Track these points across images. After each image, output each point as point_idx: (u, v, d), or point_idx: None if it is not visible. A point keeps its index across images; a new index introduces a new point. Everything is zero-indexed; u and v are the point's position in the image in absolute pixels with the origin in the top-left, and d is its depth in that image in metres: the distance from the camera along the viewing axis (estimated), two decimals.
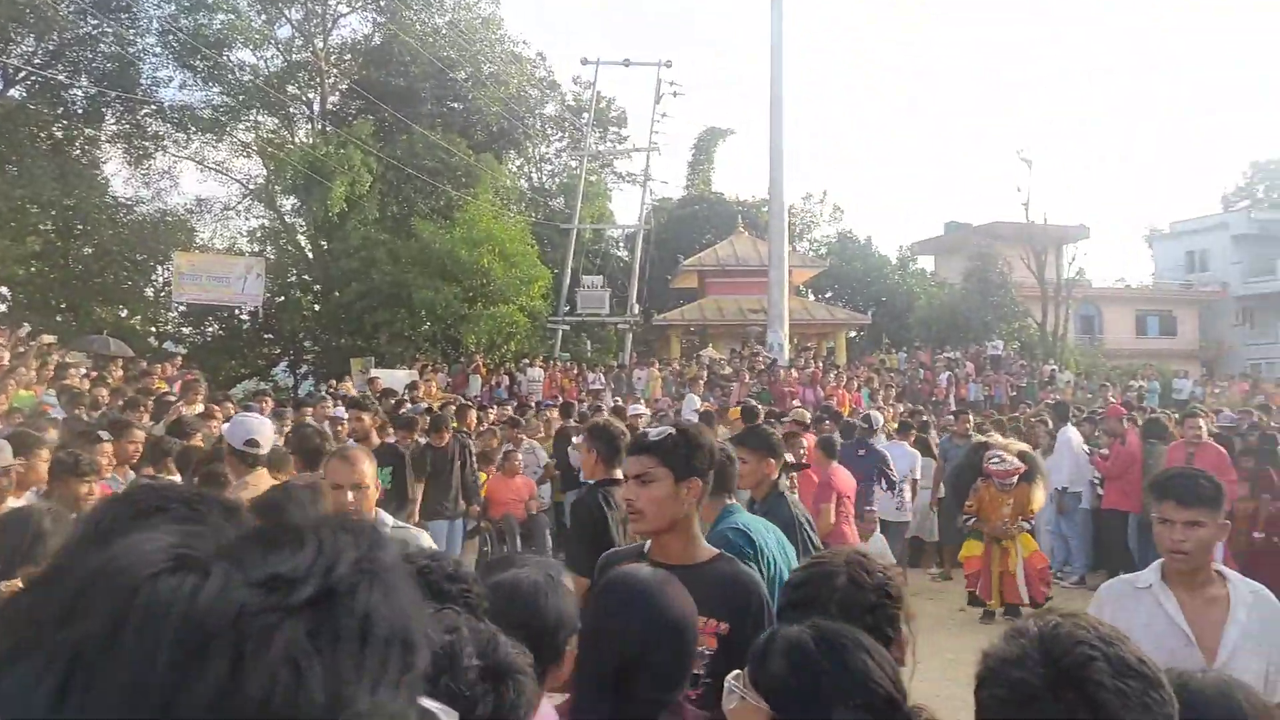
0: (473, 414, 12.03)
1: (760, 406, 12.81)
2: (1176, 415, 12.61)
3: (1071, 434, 11.80)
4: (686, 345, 31.31)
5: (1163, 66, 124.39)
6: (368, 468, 3.67)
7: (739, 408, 12.92)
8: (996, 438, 10.36)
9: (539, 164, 41.78)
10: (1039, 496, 9.51)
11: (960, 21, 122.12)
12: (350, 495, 3.53)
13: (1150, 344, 44.15)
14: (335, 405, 12.64)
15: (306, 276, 32.48)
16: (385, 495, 6.82)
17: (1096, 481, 11.46)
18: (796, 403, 17.09)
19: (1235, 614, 2.77)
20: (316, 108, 34.14)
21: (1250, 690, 1.74)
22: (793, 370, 20.44)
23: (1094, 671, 1.22)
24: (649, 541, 2.78)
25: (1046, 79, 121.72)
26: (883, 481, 10.18)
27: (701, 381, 19.10)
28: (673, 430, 2.72)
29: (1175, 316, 47.26)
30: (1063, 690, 1.22)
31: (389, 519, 3.84)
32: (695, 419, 14.78)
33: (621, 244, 40.04)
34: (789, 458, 5.79)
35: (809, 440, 8.84)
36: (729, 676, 1.76)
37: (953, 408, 20.09)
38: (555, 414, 13.81)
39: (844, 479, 8.14)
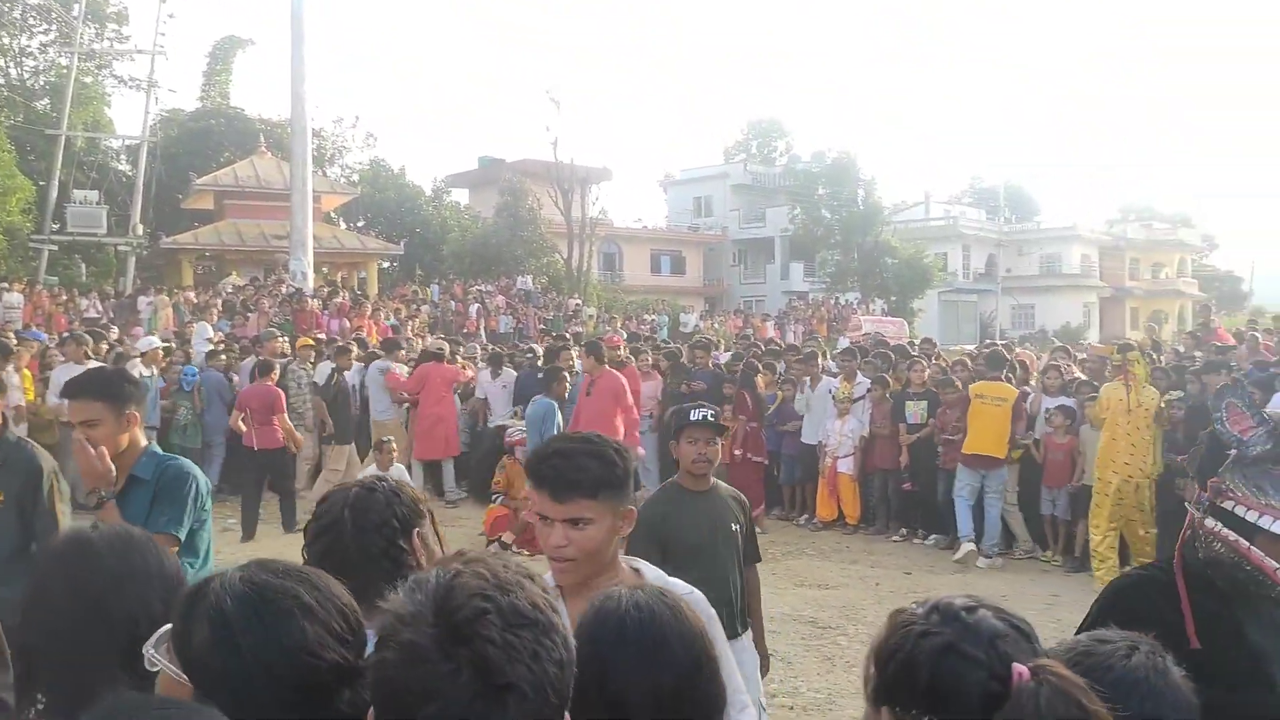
0: None
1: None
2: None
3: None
4: (202, 272, 28.86)
5: (680, 29, 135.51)
6: None
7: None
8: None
9: (19, 58, 35.91)
10: None
11: None
12: None
13: (663, 281, 48.47)
14: None
15: None
16: None
17: None
18: (321, 334, 16.45)
19: None
20: None
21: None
22: (316, 300, 19.63)
23: (484, 626, 1.13)
24: None
25: (578, 25, 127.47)
26: None
27: (215, 310, 17.68)
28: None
29: (684, 257, 52.26)
30: (453, 648, 1.11)
31: None
32: (208, 349, 13.67)
33: (123, 156, 35.78)
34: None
35: None
36: (149, 642, 1.48)
37: (484, 340, 20.60)
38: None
39: None
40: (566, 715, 1.21)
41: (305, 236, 22.20)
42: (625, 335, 17.73)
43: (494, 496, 9.95)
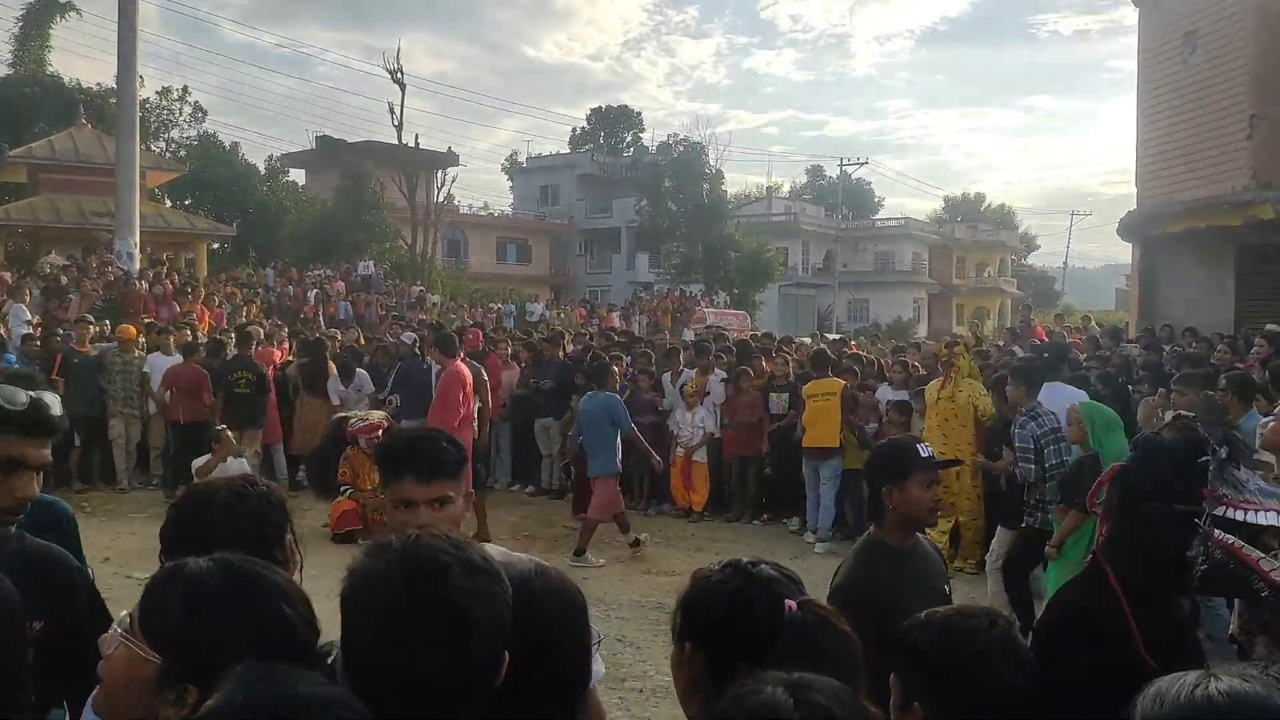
0: None
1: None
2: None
3: None
4: (13, 249, 26.95)
5: (534, 17, 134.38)
6: None
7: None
8: None
9: None
10: None
11: None
12: None
13: (509, 269, 48.22)
14: None
15: None
16: None
17: None
18: (150, 319, 15.68)
19: None
20: None
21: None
22: (143, 282, 18.66)
23: (450, 576, 1.30)
24: None
25: (420, 5, 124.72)
26: None
27: (28, 291, 16.55)
28: None
29: (531, 245, 52.10)
30: (426, 598, 1.28)
31: None
32: (24, 331, 12.84)
33: None
34: None
35: None
36: (118, 620, 1.49)
37: (323, 326, 20.02)
38: None
39: None
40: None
41: (131, 215, 21.05)
42: (476, 324, 17.66)
43: (342, 489, 9.74)
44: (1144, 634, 2.07)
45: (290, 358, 13.25)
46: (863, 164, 57.91)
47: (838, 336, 23.17)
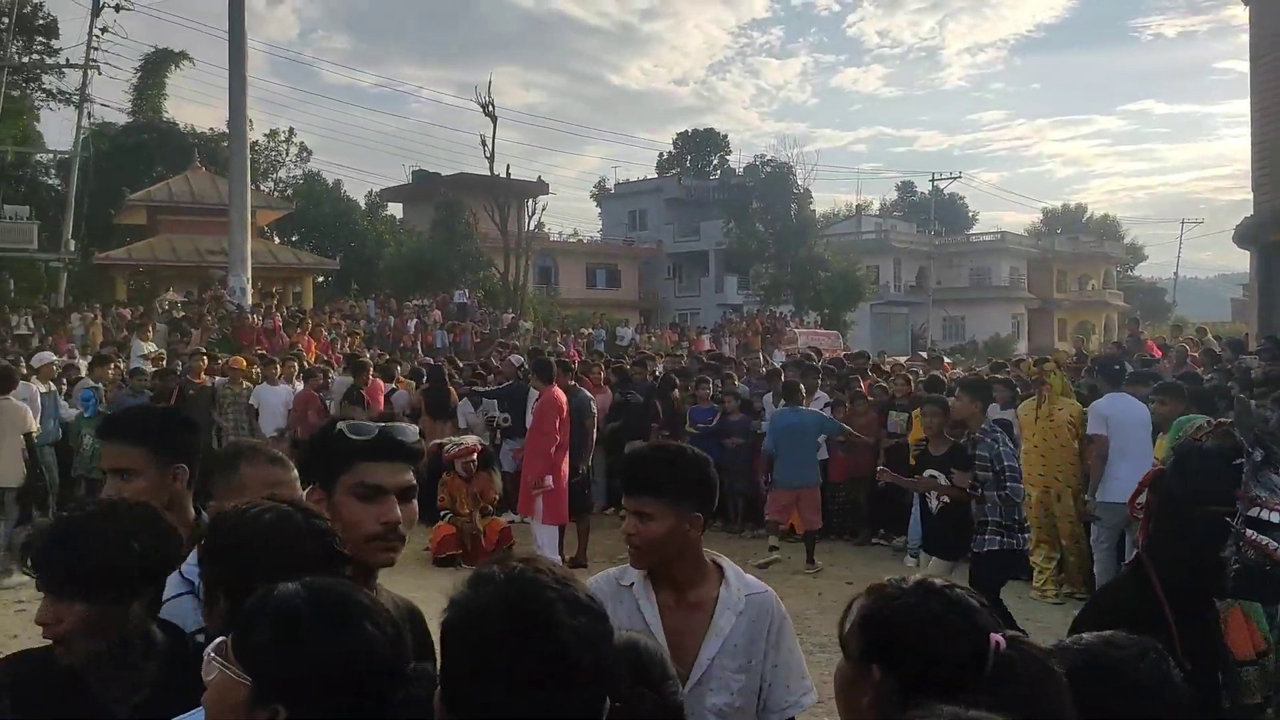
0: None
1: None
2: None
3: None
4: (135, 287, 28.50)
5: (619, 44, 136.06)
6: None
7: None
8: None
9: None
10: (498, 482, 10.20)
11: None
12: None
13: (599, 294, 48.71)
14: None
15: None
16: None
17: None
18: (262, 351, 16.46)
19: (717, 621, 2.38)
20: None
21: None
22: (256, 316, 19.58)
23: (556, 614, 1.26)
24: None
25: (509, 38, 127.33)
26: None
27: (152, 327, 17.56)
28: None
29: (620, 270, 52.57)
30: (529, 637, 1.25)
31: None
32: (146, 365, 13.64)
33: (53, 171, 35.15)
34: None
35: None
36: (211, 645, 1.51)
37: (421, 354, 20.68)
38: None
39: None
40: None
41: (243, 252, 22.09)
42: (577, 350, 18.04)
43: (442, 514, 10.08)
44: (1182, 640, 2.11)
45: (394, 385, 13.62)
46: (955, 178, 57.03)
47: (933, 355, 22.91)
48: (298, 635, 1.42)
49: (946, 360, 18.70)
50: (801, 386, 10.38)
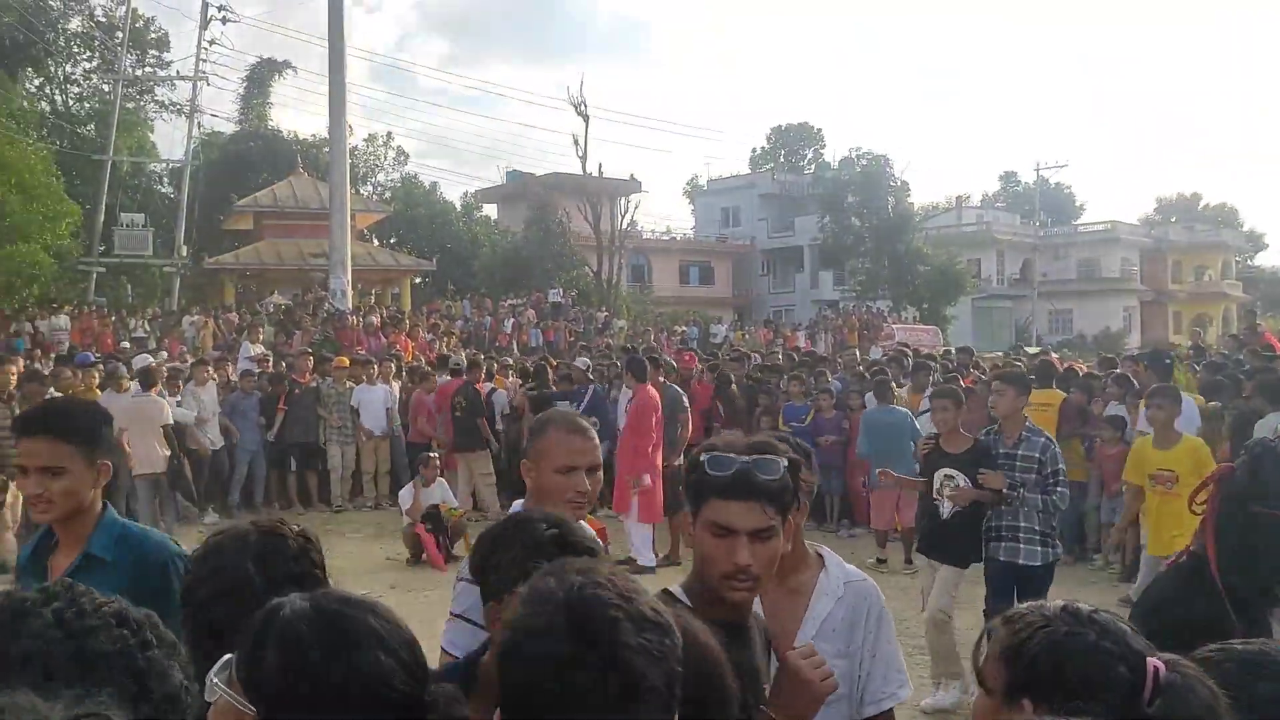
0: (11, 369, 10.28)
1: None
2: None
3: None
4: (242, 290, 29.47)
5: (700, 31, 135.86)
6: None
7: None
8: None
9: (64, 86, 36.90)
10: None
11: None
12: None
13: (693, 291, 48.66)
14: None
15: None
16: None
17: None
18: (362, 352, 16.82)
19: (814, 605, 2.35)
20: None
21: None
22: (355, 317, 20.02)
23: (620, 633, 1.20)
24: None
25: (601, 35, 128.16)
26: None
27: (260, 329, 18.09)
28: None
29: (713, 267, 52.40)
30: (593, 657, 1.19)
31: None
32: (253, 366, 14.07)
33: (166, 180, 36.63)
34: None
35: None
36: (212, 669, 1.44)
37: (516, 353, 20.90)
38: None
39: None
40: None
41: (344, 255, 22.62)
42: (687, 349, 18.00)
43: None
44: None
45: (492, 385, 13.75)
46: (1062, 167, 55.25)
47: (1038, 349, 22.25)
48: (306, 662, 1.33)
49: (1055, 355, 18.04)
50: (893, 384, 10.17)
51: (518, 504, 2.64)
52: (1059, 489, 5.69)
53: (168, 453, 10.59)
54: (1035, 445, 5.75)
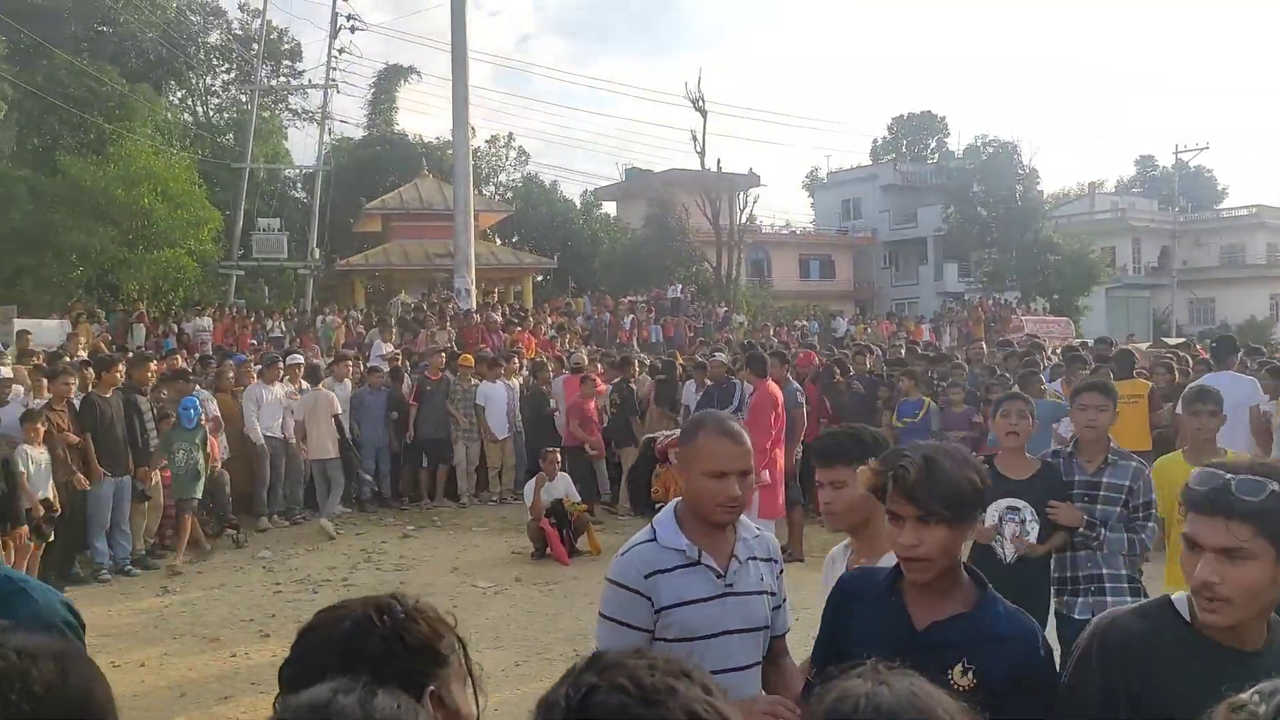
0: (150, 367, 10.94)
1: None
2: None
3: None
4: (371, 290, 30.48)
5: (819, 22, 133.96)
6: None
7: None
8: None
9: (204, 97, 38.81)
10: None
11: None
12: None
13: (813, 285, 48.06)
14: None
15: None
16: None
17: None
18: (486, 349, 17.17)
19: None
20: None
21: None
22: (479, 315, 20.46)
23: None
24: None
25: (717, 29, 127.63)
26: None
27: (391, 327, 18.69)
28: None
29: (833, 260, 51.66)
30: None
31: None
32: (383, 364, 14.52)
33: (299, 185, 38.15)
34: None
35: None
36: None
37: (636, 349, 21.03)
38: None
39: None
40: None
41: (468, 254, 23.13)
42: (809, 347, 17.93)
43: (656, 505, 10.17)
44: None
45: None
46: (1203, 149, 52.51)
47: (1179, 340, 21.24)
48: None
49: (1198, 345, 17.17)
50: (1041, 375, 9.89)
51: (665, 509, 2.66)
52: (1149, 524, 4.50)
53: (338, 438, 11.76)
54: (1125, 471, 4.53)
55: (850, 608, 2.34)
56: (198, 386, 11.32)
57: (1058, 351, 15.07)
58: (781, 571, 2.73)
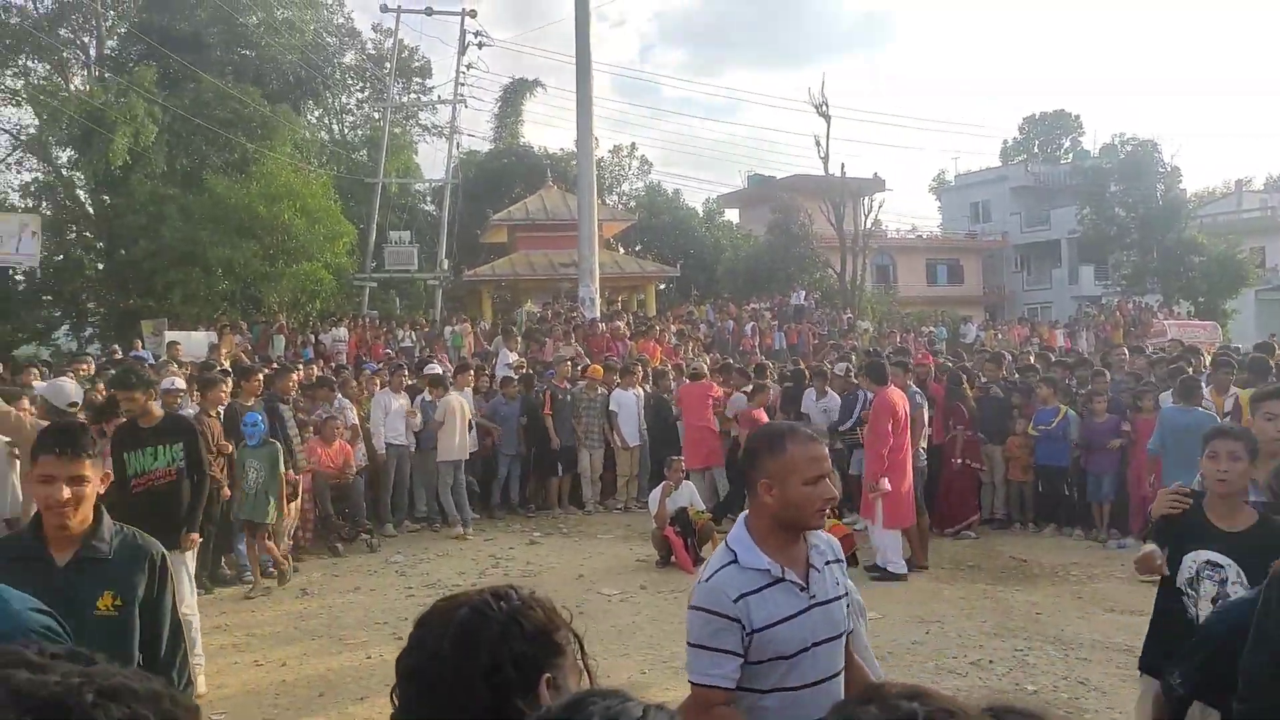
0: (293, 377, 11.43)
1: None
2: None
3: None
4: (498, 300, 31.09)
5: (945, 23, 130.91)
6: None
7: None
8: None
9: (340, 115, 40.30)
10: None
11: None
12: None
13: (940, 290, 46.92)
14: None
15: (88, 234, 30.38)
16: (179, 474, 6.51)
17: None
18: (611, 358, 17.30)
19: None
20: (93, 52, 31.73)
21: None
22: (603, 324, 20.64)
23: None
24: None
25: (842, 36, 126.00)
26: None
27: (517, 336, 19.02)
28: None
29: (961, 265, 50.32)
30: None
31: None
32: (510, 373, 14.79)
33: (429, 198, 39.22)
34: None
35: None
36: None
37: (759, 357, 20.87)
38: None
39: None
40: None
41: (591, 264, 23.38)
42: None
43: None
44: None
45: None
46: None
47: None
48: None
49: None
50: (1202, 384, 9.37)
51: (737, 527, 2.69)
52: None
53: (467, 442, 12.06)
54: None
55: None
56: (339, 395, 11.79)
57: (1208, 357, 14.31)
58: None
